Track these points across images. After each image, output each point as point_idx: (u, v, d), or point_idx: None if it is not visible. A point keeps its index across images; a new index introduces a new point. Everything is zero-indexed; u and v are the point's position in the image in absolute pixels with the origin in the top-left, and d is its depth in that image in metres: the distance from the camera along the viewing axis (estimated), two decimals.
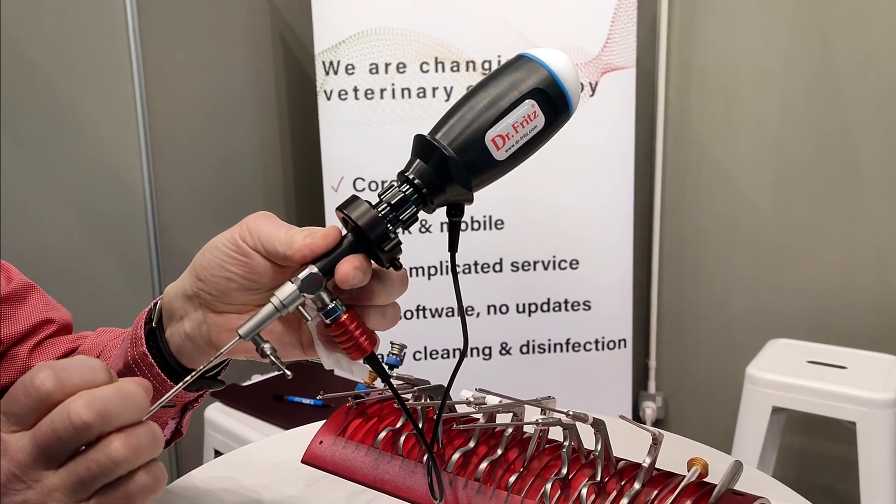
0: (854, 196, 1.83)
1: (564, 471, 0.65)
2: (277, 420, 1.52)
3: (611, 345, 1.93)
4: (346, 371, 0.56)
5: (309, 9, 1.78)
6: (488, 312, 1.91)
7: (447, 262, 1.87)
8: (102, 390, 0.41)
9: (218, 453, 1.57)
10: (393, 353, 0.76)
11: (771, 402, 1.56)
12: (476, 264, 1.88)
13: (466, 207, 0.56)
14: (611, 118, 1.87)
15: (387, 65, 1.80)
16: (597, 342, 1.93)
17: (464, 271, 1.88)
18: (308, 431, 0.77)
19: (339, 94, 1.81)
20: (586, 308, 1.92)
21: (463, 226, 1.98)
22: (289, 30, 2.15)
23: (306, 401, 1.59)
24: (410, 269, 1.86)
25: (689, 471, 0.65)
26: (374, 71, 1.80)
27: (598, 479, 0.64)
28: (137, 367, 0.59)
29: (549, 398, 0.66)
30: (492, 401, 0.68)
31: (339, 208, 0.51)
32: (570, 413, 0.64)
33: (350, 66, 1.80)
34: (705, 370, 2.13)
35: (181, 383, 0.50)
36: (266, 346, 0.51)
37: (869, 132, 1.79)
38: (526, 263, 1.89)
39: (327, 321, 0.52)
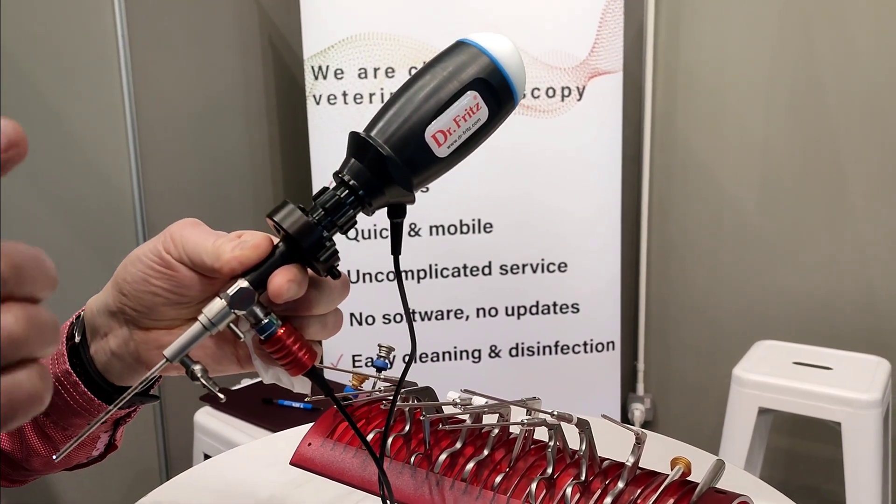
0: (838, 198, 1.85)
1: (550, 470, 0.66)
2: (267, 423, 1.53)
3: (599, 347, 1.94)
4: (287, 385, 0.52)
5: (298, 13, 1.79)
6: (477, 315, 1.92)
7: (436, 265, 1.88)
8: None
9: (207, 457, 1.57)
10: (381, 356, 0.77)
11: (757, 403, 1.57)
12: (465, 267, 1.89)
13: (453, 210, 0.55)
14: (598, 122, 1.88)
15: (375, 69, 1.80)
16: (585, 344, 1.94)
17: (453, 274, 1.89)
18: (297, 434, 0.78)
19: (329, 99, 1.82)
20: (575, 311, 1.93)
21: (452, 229, 1.99)
22: (278, 34, 2.15)
23: (296, 404, 1.59)
24: (403, 272, 1.86)
25: (672, 470, 0.66)
26: (363, 75, 1.81)
27: (583, 478, 0.65)
28: (61, 386, 0.54)
29: (534, 399, 0.67)
30: (478, 402, 0.68)
31: (269, 215, 0.47)
32: (555, 413, 0.65)
33: (339, 71, 1.81)
34: (693, 372, 2.15)
35: (105, 412, 0.47)
36: (196, 368, 0.47)
37: (853, 136, 1.81)
38: (515, 266, 1.90)
39: (262, 337, 0.48)
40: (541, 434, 0.69)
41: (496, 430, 0.69)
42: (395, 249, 0.52)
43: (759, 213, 1.96)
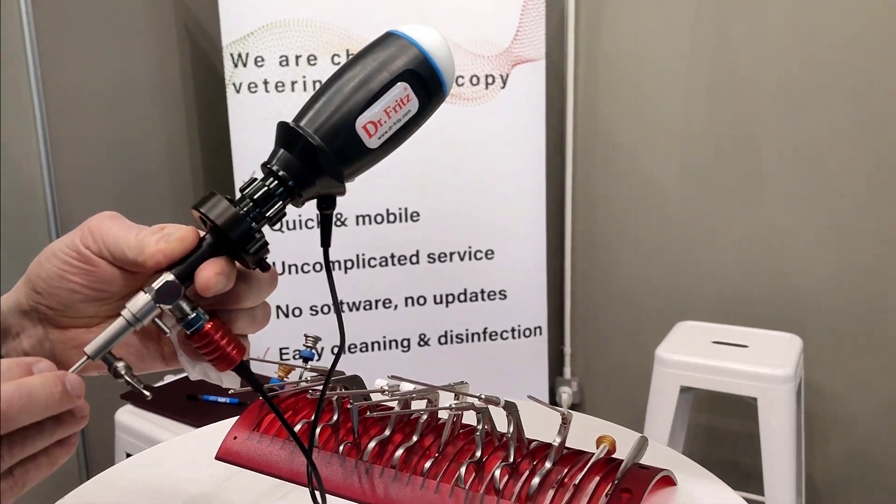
0: (753, 182, 1.92)
1: (479, 454, 0.66)
2: (192, 420, 1.49)
3: (527, 332, 1.97)
4: (215, 381, 0.52)
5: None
6: (406, 304, 1.91)
7: (363, 255, 1.86)
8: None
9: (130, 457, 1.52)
10: (307, 346, 0.76)
11: (679, 382, 1.62)
12: (392, 257, 1.89)
13: (379, 199, 0.54)
14: (522, 109, 1.90)
15: (297, 57, 1.77)
16: (513, 330, 1.96)
17: (380, 264, 1.88)
18: (222, 428, 0.76)
19: (249, 87, 1.78)
20: (502, 297, 1.95)
21: (378, 218, 1.98)
22: (194, 21, 2.09)
23: (222, 399, 1.56)
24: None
25: (597, 448, 0.67)
26: (284, 63, 1.77)
27: (511, 460, 0.66)
28: None
29: (461, 383, 0.67)
30: (406, 388, 0.68)
31: (196, 206, 0.46)
32: (483, 397, 0.66)
33: (259, 59, 1.77)
34: (618, 354, 2.20)
35: None
36: (119, 365, 0.46)
37: (767, 122, 1.88)
38: (442, 255, 1.91)
39: (188, 332, 0.47)
40: (470, 418, 0.69)
41: (425, 416, 0.69)
42: (325, 241, 0.51)
43: (679, 198, 2.02)
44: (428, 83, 0.49)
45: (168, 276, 0.45)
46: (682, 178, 2.00)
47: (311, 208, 0.51)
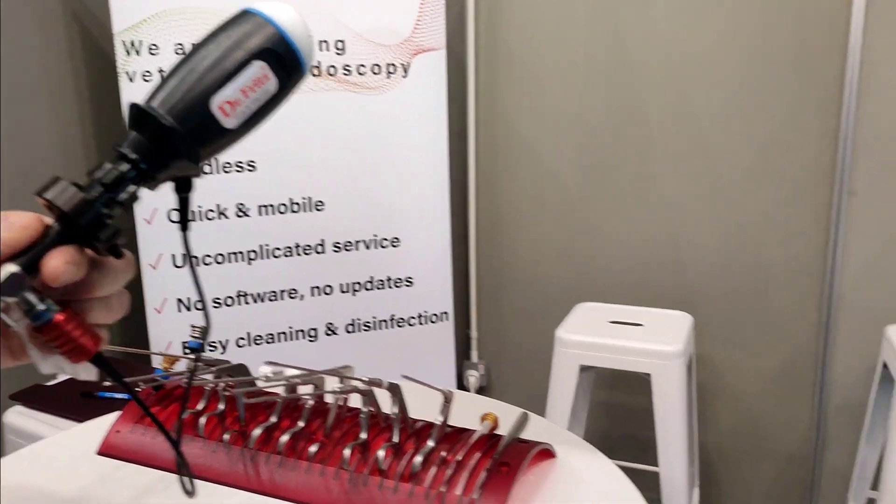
0: (646, 167, 1.99)
1: (364, 435, 0.68)
2: (87, 418, 1.45)
3: (433, 318, 1.99)
4: (71, 373, 0.49)
5: None
6: (312, 294, 1.91)
7: (267, 245, 1.84)
8: None
9: None
10: (194, 336, 0.75)
11: (578, 361, 1.68)
12: (297, 246, 1.88)
13: (282, 189, 0.52)
14: (424, 98, 1.91)
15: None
16: (420, 316, 1.98)
17: (285, 254, 1.87)
18: (106, 423, 0.75)
19: (143, 76, 1.73)
20: (408, 284, 1.97)
21: (282, 208, 1.95)
22: (83, 8, 2.01)
23: (118, 396, 1.52)
24: (230, 254, 1.82)
25: (481, 425, 0.69)
26: (180, 51, 1.73)
27: (396, 440, 0.67)
28: None
29: (346, 367, 0.69)
30: (289, 374, 0.69)
31: (39, 193, 0.44)
32: (367, 379, 0.67)
33: (153, 46, 1.72)
34: (523, 337, 2.25)
35: None
36: None
37: (657, 109, 1.95)
38: (348, 243, 1.91)
39: (35, 324, 0.44)
40: (357, 402, 0.70)
41: (311, 402, 0.70)
42: (184, 225, 0.50)
43: (577, 185, 2.08)
44: (286, 62, 0.48)
45: (11, 267, 0.43)
46: (580, 165, 2.06)
47: (210, 199, 0.50)
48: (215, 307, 1.83)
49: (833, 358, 1.91)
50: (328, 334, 1.93)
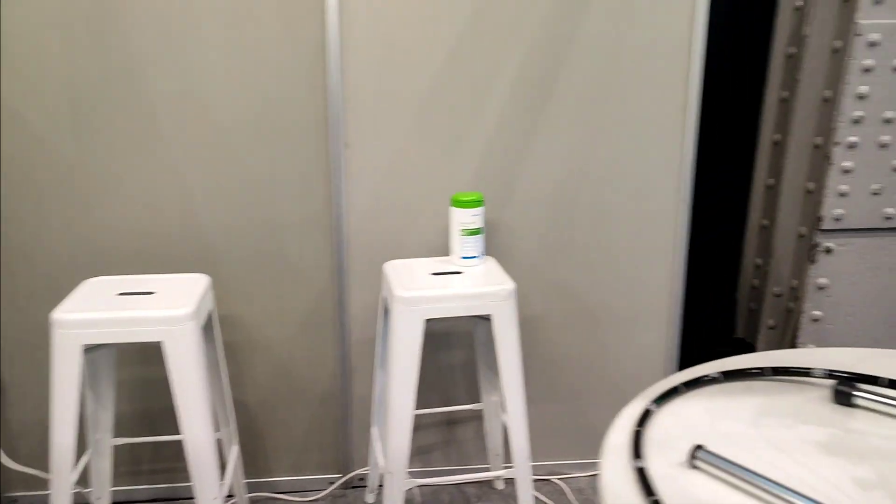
0: (150, 131, 1.90)
1: None
2: None
3: None
4: None
5: None
6: None
7: None
8: None
9: None
10: None
11: (81, 341, 1.56)
12: None
13: None
14: None
15: None
16: None
17: None
18: None
19: None
20: None
21: None
22: None
23: None
24: None
25: None
26: None
27: None
28: None
29: None
30: None
31: None
32: None
33: None
34: (38, 323, 2.02)
35: None
36: None
37: (153, 66, 1.87)
38: None
39: None
40: None
41: None
42: None
43: (76, 155, 1.91)
44: None
45: None
46: (77, 133, 1.89)
47: None
48: None
49: (349, 298, 2.08)
50: None
